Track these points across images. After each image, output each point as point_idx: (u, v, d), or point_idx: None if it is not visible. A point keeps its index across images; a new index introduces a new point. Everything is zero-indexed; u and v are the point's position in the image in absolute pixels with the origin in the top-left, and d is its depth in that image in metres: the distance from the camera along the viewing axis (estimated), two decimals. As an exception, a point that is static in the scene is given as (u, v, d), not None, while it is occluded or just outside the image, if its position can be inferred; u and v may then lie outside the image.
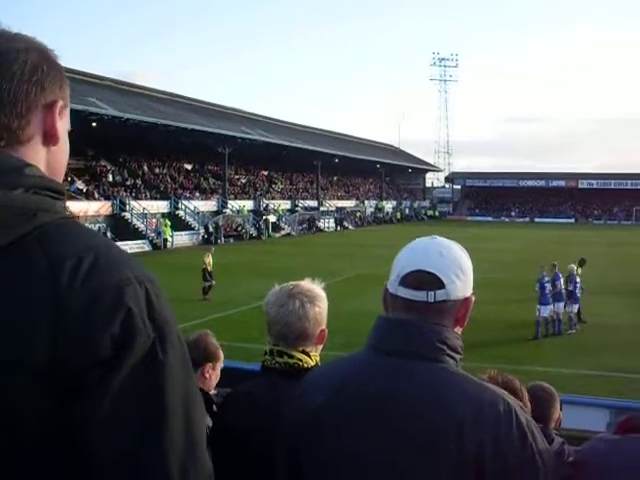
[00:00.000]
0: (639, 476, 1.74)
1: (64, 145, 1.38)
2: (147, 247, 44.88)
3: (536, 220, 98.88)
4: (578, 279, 19.49)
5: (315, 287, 2.63)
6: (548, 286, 18.62)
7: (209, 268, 24.62)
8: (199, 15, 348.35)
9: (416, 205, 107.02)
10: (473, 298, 1.93)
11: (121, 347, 1.17)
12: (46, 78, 1.30)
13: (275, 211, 64.16)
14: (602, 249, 45.87)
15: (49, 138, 1.32)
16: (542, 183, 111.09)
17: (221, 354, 3.57)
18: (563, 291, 18.89)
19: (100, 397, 1.16)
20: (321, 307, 2.56)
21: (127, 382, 1.17)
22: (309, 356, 2.50)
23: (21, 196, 1.21)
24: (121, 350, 1.17)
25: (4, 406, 1.15)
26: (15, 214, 1.20)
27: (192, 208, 54.84)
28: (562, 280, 19.06)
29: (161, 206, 52.60)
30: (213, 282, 24.32)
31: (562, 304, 18.84)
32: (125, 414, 1.17)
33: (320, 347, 2.61)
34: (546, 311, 18.48)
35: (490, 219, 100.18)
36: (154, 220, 48.78)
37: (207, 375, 3.47)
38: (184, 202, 55.22)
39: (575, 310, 19.28)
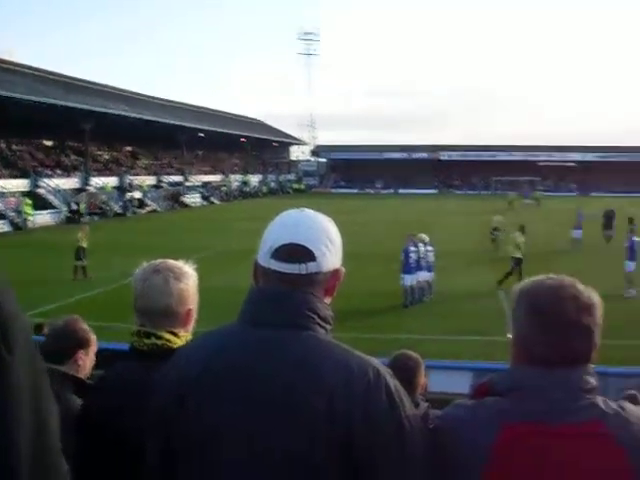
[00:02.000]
0: (490, 437, 1.79)
1: None
2: (7, 227, 43.34)
3: (400, 191, 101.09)
4: (430, 247, 20.01)
5: (184, 265, 2.60)
6: (413, 255, 19.00)
7: (84, 245, 24.07)
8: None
9: (282, 179, 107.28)
10: (343, 270, 1.97)
11: None
12: None
13: (140, 187, 63.16)
14: (461, 218, 47.85)
15: None
16: (405, 155, 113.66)
17: (93, 338, 3.39)
18: (422, 260, 19.37)
19: None
20: (188, 284, 2.53)
21: None
22: (177, 336, 2.46)
23: None
24: None
25: None
26: None
27: (53, 186, 53.25)
28: (421, 249, 19.50)
29: (20, 184, 50.75)
30: (85, 262, 23.86)
31: (423, 272, 19.38)
32: None
33: (189, 328, 2.57)
34: (410, 279, 18.92)
35: (355, 191, 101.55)
36: (13, 199, 47.02)
37: (80, 362, 3.27)
38: (45, 180, 53.55)
39: (431, 278, 19.92)
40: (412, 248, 19.16)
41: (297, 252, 1.87)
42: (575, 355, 1.85)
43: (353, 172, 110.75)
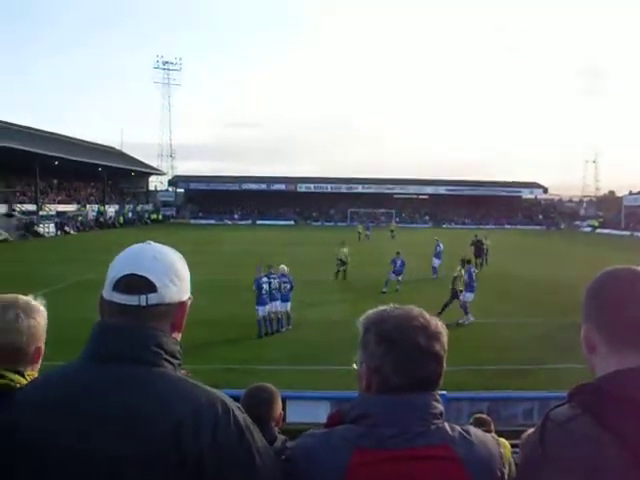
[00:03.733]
0: (341, 463, 1.80)
1: None
2: None
3: (258, 222, 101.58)
4: (287, 278, 20.00)
5: (33, 300, 2.51)
6: (265, 286, 19.12)
7: None
8: None
9: (139, 209, 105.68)
10: (189, 302, 1.98)
11: None
12: None
13: (-10, 216, 60.89)
14: (316, 249, 48.64)
15: None
16: (264, 186, 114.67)
17: None
18: (275, 291, 19.39)
19: None
20: (37, 321, 2.44)
21: None
22: (23, 376, 2.34)
23: None
24: None
25: None
26: None
27: None
28: (276, 280, 19.56)
29: None
30: None
31: (277, 303, 19.43)
32: None
33: (37, 366, 2.47)
34: (264, 310, 19.08)
35: (213, 222, 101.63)
36: None
37: None
38: None
39: (288, 308, 19.99)
40: (264, 279, 19.28)
41: (137, 283, 1.87)
42: (425, 382, 1.91)
43: (211, 203, 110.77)
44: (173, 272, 1.93)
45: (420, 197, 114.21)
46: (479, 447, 1.89)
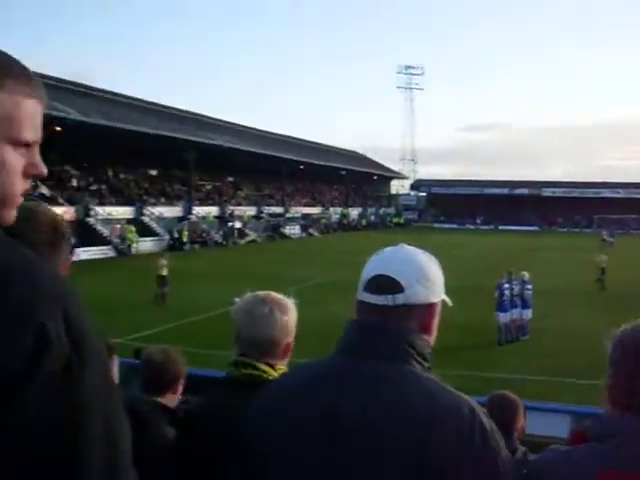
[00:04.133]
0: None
1: None
2: (111, 253, 44.56)
3: (500, 227, 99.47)
4: (529, 285, 19.64)
5: (286, 298, 2.61)
6: (507, 293, 18.74)
7: (163, 273, 24.52)
8: (163, 16, 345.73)
9: (381, 212, 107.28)
10: (439, 305, 1.93)
11: (32, 364, 1.10)
12: None
13: (240, 217, 64.04)
14: (562, 256, 46.61)
15: None
16: (506, 191, 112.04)
17: (186, 367, 3.51)
18: (516, 297, 19.06)
19: (12, 415, 1.09)
20: (290, 318, 2.54)
21: (41, 397, 1.11)
22: (274, 368, 2.46)
23: None
24: (32, 367, 1.10)
25: None
26: None
27: (157, 214, 54.58)
28: (518, 287, 19.20)
29: (126, 212, 52.30)
30: (165, 289, 24.27)
31: (518, 310, 19.01)
32: (40, 433, 1.11)
33: (285, 362, 2.56)
34: (505, 317, 18.64)
35: (455, 226, 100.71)
36: (118, 226, 48.43)
37: (177, 394, 3.43)
38: (149, 208, 54.95)
39: (529, 316, 19.42)
40: (506, 285, 18.94)
41: (386, 283, 1.86)
42: None
43: (453, 207, 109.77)
44: (422, 273, 1.89)
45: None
46: None
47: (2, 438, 1.10)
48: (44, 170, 1.30)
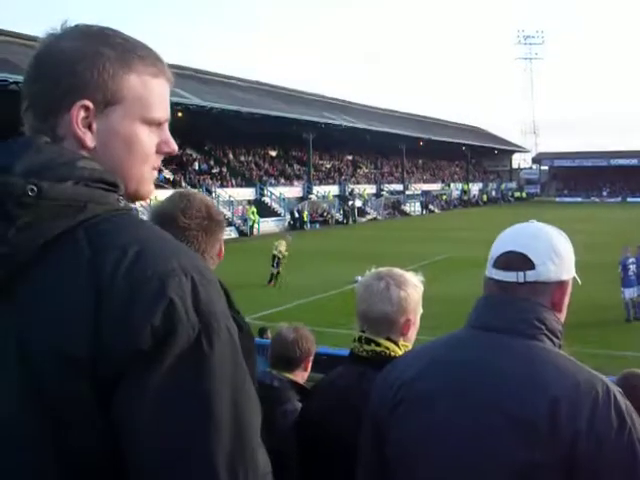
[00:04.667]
0: None
1: (114, 145, 1.31)
2: (234, 234, 45.30)
3: (629, 200, 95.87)
4: None
5: (408, 274, 2.58)
6: (633, 267, 18.14)
7: (280, 256, 24.46)
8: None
9: (502, 187, 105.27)
10: (569, 282, 1.88)
11: (163, 339, 1.13)
12: (70, 76, 1.26)
13: (360, 196, 64.06)
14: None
15: (78, 140, 1.28)
16: (635, 162, 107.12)
17: (315, 345, 3.58)
18: (631, 275, 18.25)
19: (142, 391, 1.12)
20: (408, 293, 2.50)
21: (170, 375, 1.13)
22: (397, 345, 2.46)
23: (70, 188, 1.21)
24: (163, 342, 1.13)
25: (45, 398, 1.13)
26: (63, 206, 1.20)
27: (277, 194, 55.26)
28: (635, 264, 18.39)
29: (247, 193, 53.26)
30: (279, 269, 24.24)
31: (636, 288, 18.27)
32: (168, 411, 1.13)
33: (410, 338, 2.54)
34: (630, 293, 18.04)
35: (579, 200, 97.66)
36: (240, 207, 49.34)
37: (307, 370, 3.50)
38: (269, 189, 55.70)
39: None
40: (631, 260, 18.24)
41: (516, 260, 1.84)
42: None
43: (577, 180, 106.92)
44: (553, 250, 1.86)
45: None
46: None
47: (129, 415, 1.13)
48: (175, 147, 1.43)
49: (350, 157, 77.24)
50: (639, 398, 3.31)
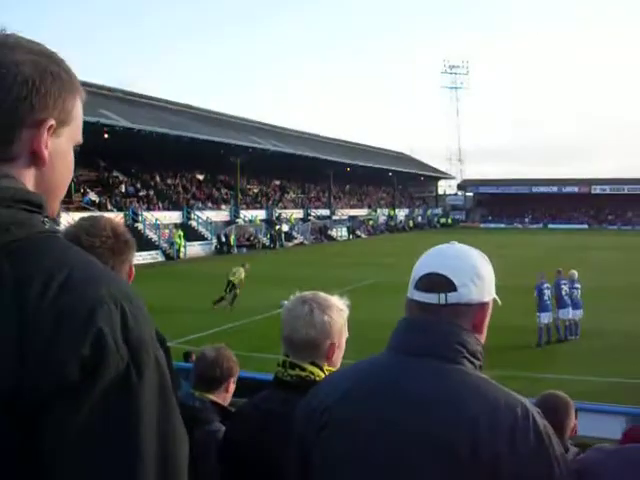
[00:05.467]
0: None
1: (59, 165, 1.31)
2: (160, 257, 44.96)
3: (549, 226, 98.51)
4: (579, 285, 19.38)
5: (333, 298, 2.58)
6: (547, 292, 18.52)
7: (236, 282, 24.39)
8: (202, 27, 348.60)
9: (429, 213, 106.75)
10: (490, 304, 1.89)
11: (90, 371, 1.09)
12: (35, 94, 1.22)
13: (287, 220, 64.21)
14: (614, 255, 45.99)
15: (36, 158, 1.25)
16: (555, 189, 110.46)
17: (238, 367, 3.58)
18: (566, 297, 18.77)
19: (68, 426, 1.08)
20: (332, 317, 2.49)
21: (97, 409, 1.09)
22: (322, 369, 2.46)
23: None
24: (90, 374, 1.09)
25: None
26: None
27: (204, 218, 54.94)
28: (566, 286, 18.94)
29: (174, 216, 52.72)
30: (235, 293, 24.21)
31: (568, 310, 18.76)
32: (94, 446, 1.09)
33: (334, 363, 2.54)
34: (546, 318, 18.41)
35: (503, 226, 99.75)
36: (167, 231, 48.87)
37: (229, 390, 3.49)
38: (196, 212, 55.32)
39: (580, 316, 19.12)
40: (546, 285, 18.69)
41: (437, 282, 1.84)
42: None
43: (501, 206, 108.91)
44: (474, 272, 1.86)
45: None
46: None
47: (54, 451, 1.08)
48: None
49: (278, 182, 77.38)
50: (557, 419, 3.52)
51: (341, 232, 71.58)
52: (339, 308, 2.55)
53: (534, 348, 18.04)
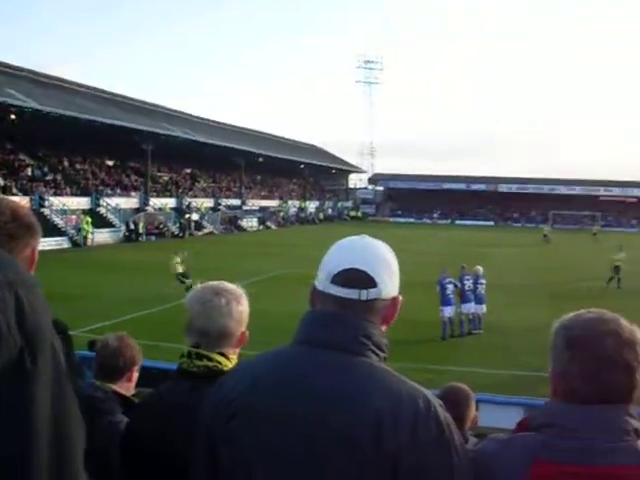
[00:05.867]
0: (520, 472, 1.75)
1: None
2: (66, 244, 44.01)
3: (457, 222, 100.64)
4: (483, 280, 19.84)
5: (239, 287, 2.61)
6: (450, 287, 18.93)
7: (180, 269, 24.40)
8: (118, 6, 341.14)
9: (339, 206, 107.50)
10: (401, 298, 1.94)
11: None
12: None
13: (198, 209, 63.82)
14: (515, 250, 47.69)
15: None
16: (463, 186, 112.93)
17: (141, 356, 3.48)
18: (469, 292, 19.22)
19: None
20: (245, 307, 2.55)
21: None
22: (228, 359, 2.47)
23: None
24: None
25: None
26: None
27: (113, 205, 54.05)
28: (469, 282, 19.38)
29: (81, 202, 51.66)
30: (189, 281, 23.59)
31: (472, 304, 19.22)
32: None
33: (238, 350, 2.57)
34: (448, 312, 18.82)
35: (412, 220, 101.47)
36: (74, 217, 47.75)
37: (132, 380, 3.40)
38: (105, 199, 54.41)
39: (483, 310, 19.59)
40: (448, 279, 19.14)
41: (358, 277, 1.84)
42: (613, 393, 1.76)
43: (410, 201, 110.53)
44: (389, 267, 1.90)
45: (628, 200, 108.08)
46: None
47: None
48: None
49: (189, 170, 76.70)
50: (458, 410, 3.64)
51: (251, 223, 71.69)
52: (246, 297, 2.58)
53: (439, 341, 18.37)
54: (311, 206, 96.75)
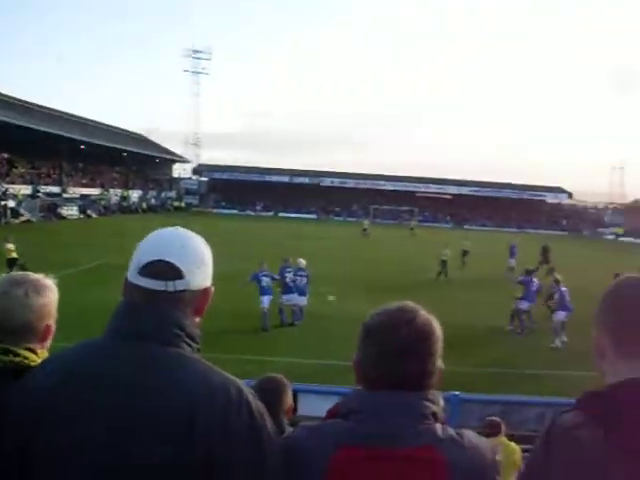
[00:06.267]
0: (325, 458, 1.81)
1: None
2: None
3: (280, 215, 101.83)
4: (305, 272, 20.18)
5: (44, 278, 2.47)
6: (265, 279, 19.18)
7: (14, 255, 23.92)
8: None
9: (163, 195, 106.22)
10: (212, 289, 1.99)
11: None
12: None
13: (14, 196, 61.49)
14: (335, 243, 49.34)
15: None
16: (287, 179, 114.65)
17: None
18: (290, 284, 19.76)
19: None
20: (48, 298, 2.42)
21: None
22: (35, 354, 2.32)
23: None
24: None
25: None
26: None
27: None
28: (291, 274, 19.79)
29: None
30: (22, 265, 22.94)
31: (294, 295, 19.65)
32: None
33: (46, 344, 2.44)
34: (267, 302, 19.02)
35: (236, 212, 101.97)
36: None
37: None
38: None
39: (304, 302, 20.04)
40: (264, 272, 19.40)
41: (164, 269, 1.90)
42: (402, 379, 1.87)
43: (234, 193, 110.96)
44: (199, 259, 1.96)
45: (443, 197, 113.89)
46: (470, 452, 1.85)
47: None
48: None
49: (6, 155, 73.52)
50: (273, 400, 3.68)
51: (72, 211, 69.66)
52: (52, 288, 2.46)
53: (260, 332, 18.54)
54: (134, 195, 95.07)
